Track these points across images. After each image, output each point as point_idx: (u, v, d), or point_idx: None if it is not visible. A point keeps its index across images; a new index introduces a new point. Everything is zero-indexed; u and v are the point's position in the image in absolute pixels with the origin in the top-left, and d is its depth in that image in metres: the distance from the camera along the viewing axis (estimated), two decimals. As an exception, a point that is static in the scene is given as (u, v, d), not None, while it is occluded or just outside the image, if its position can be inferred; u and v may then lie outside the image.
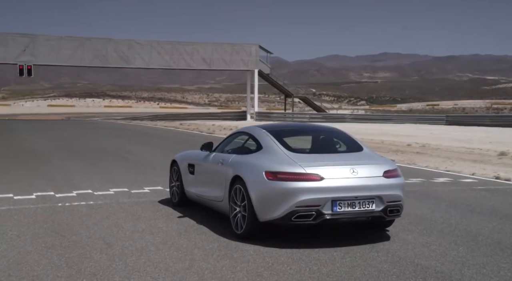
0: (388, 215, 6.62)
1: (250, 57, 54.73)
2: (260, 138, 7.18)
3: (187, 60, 53.36)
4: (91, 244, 6.31)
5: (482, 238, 6.94)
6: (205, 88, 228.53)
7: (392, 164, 6.91)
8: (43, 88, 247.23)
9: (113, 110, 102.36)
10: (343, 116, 55.03)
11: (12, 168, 13.46)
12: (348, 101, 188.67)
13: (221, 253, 6.06)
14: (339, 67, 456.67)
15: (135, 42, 52.60)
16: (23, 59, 48.23)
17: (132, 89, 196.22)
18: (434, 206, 9.11)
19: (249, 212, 6.56)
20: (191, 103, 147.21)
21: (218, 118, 55.86)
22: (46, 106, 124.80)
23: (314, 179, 6.30)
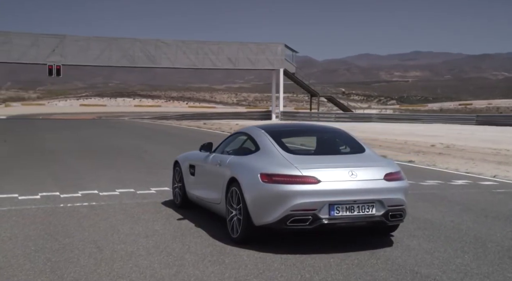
0: (389, 220, 6.32)
1: (275, 56, 54.42)
2: (258, 138, 6.95)
3: (213, 60, 53.37)
4: (81, 247, 6.17)
5: (492, 245, 6.59)
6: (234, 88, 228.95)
7: (394, 167, 6.60)
8: (76, 88, 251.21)
9: (142, 110, 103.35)
10: (370, 115, 54.35)
11: (25, 167, 13.47)
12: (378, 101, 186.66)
13: (212, 259, 5.85)
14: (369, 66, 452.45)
15: (162, 42, 52.83)
16: (52, 59, 48.96)
17: (162, 88, 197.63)
18: (447, 209, 8.75)
19: (244, 215, 6.34)
20: (219, 102, 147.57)
21: (244, 118, 55.71)
22: (78, 106, 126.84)
23: (310, 182, 6.04)
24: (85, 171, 12.83)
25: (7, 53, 49.16)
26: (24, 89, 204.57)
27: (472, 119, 44.22)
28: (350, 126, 40.98)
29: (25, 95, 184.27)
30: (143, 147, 19.61)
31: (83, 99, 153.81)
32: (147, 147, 19.86)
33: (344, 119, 50.82)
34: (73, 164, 14.41)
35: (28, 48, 49.15)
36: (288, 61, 55.27)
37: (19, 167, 13.48)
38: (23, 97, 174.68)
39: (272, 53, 54.38)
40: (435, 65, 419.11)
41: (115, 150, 18.47)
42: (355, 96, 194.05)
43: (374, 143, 23.19)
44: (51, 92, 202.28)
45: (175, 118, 56.13)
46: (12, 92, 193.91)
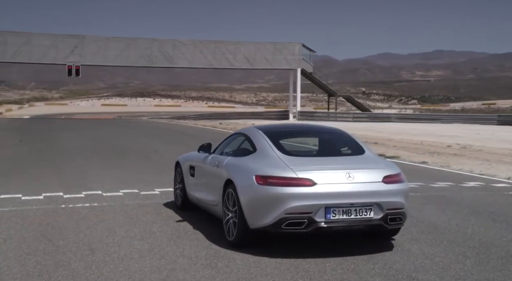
0: (388, 223, 6.14)
1: (293, 56, 54.18)
2: (255, 139, 6.82)
3: (230, 60, 53.34)
4: (74, 250, 6.10)
5: (496, 250, 6.38)
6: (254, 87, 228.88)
7: (394, 169, 6.41)
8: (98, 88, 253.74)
9: (162, 109, 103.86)
10: (388, 115, 53.90)
11: (34, 167, 13.48)
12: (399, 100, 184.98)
13: (205, 262, 5.74)
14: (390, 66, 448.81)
15: (179, 42, 52.95)
16: (72, 59, 49.40)
17: (182, 88, 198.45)
18: (454, 213, 8.53)
19: (239, 218, 6.22)
20: (238, 102, 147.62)
21: (261, 118, 55.57)
22: (100, 105, 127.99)
23: (305, 184, 5.89)
24: (93, 171, 12.82)
25: (28, 53, 49.77)
26: (47, 89, 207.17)
27: (494, 119, 43.54)
28: (367, 126, 40.64)
29: (48, 95, 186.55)
30: (154, 147, 19.59)
31: (104, 99, 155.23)
32: (159, 146, 19.85)
33: (362, 119, 50.45)
34: (82, 163, 14.42)
35: (48, 48, 49.67)
36: (305, 61, 54.99)
37: (28, 167, 13.52)
38: (47, 97, 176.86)
39: (290, 53, 54.16)
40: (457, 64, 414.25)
41: (126, 150, 18.48)
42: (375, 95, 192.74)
43: (389, 143, 22.91)
44: (73, 92, 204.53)
45: (193, 118, 56.24)
46: (36, 92, 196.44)
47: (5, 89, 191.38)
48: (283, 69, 57.19)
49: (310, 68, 55.33)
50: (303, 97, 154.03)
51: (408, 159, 16.31)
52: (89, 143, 21.76)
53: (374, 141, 23.86)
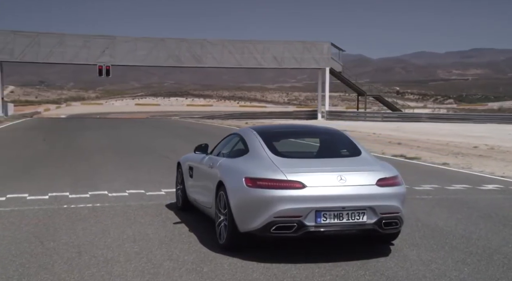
0: (383, 228, 5.90)
1: (321, 55, 53.65)
2: (248, 140, 6.66)
3: (258, 59, 53.16)
4: (62, 252, 6.02)
5: (499, 257, 6.09)
6: (286, 87, 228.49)
7: (390, 171, 6.16)
8: (133, 88, 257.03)
9: (194, 109, 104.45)
10: (419, 115, 52.99)
11: (49, 166, 13.55)
12: (434, 100, 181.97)
13: (191, 267, 5.60)
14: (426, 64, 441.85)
15: (207, 42, 53.02)
16: (102, 60, 50.00)
17: (214, 88, 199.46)
18: (464, 216, 8.22)
19: (229, 221, 6.07)
20: (270, 102, 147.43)
21: (290, 117, 55.30)
22: (133, 105, 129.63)
23: (295, 187, 5.70)
24: (106, 171, 12.84)
25: (61, 54, 50.58)
26: (84, 89, 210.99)
27: (529, 119, 42.30)
28: (395, 126, 39.97)
29: (85, 95, 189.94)
30: (174, 146, 19.57)
31: (138, 98, 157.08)
32: (178, 146, 19.84)
33: (391, 118, 49.69)
34: (98, 163, 14.47)
35: (80, 49, 50.37)
36: (334, 60, 54.42)
37: (43, 166, 13.62)
38: (83, 97, 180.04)
39: (318, 52, 53.66)
40: (497, 63, 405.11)
41: (146, 150, 18.51)
42: (410, 95, 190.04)
43: (413, 144, 22.43)
44: (108, 92, 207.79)
45: (223, 118, 56.28)
46: (73, 92, 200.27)
47: (44, 89, 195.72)
48: (312, 68, 56.73)
49: (339, 67, 54.74)
50: (335, 97, 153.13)
51: (429, 160, 15.90)
52: (111, 142, 21.90)
53: (398, 141, 23.42)
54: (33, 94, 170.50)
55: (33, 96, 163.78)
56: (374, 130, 32.83)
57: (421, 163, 15.47)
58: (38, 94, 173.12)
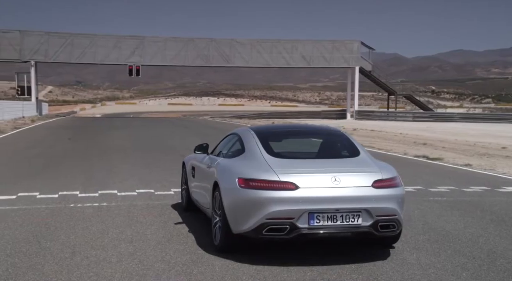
0: (379, 231, 5.73)
1: (351, 54, 53.15)
2: (245, 140, 6.57)
3: (286, 58, 52.97)
4: (56, 252, 6.00)
5: (502, 262, 5.86)
6: (318, 86, 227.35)
7: (389, 173, 5.97)
8: (167, 88, 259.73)
9: (225, 109, 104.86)
10: (451, 115, 52.01)
11: (66, 165, 13.63)
12: (471, 99, 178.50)
13: (181, 269, 5.52)
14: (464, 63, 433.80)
15: (236, 42, 53.09)
16: (132, 60, 50.63)
17: (246, 87, 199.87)
18: (475, 220, 7.96)
19: (223, 222, 5.99)
20: (301, 101, 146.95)
21: (319, 117, 54.88)
22: (166, 105, 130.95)
23: (287, 188, 5.58)
24: (122, 170, 12.88)
25: (93, 55, 51.41)
26: (119, 89, 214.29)
27: None
28: (425, 126, 39.30)
29: (119, 94, 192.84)
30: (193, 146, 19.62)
31: (171, 98, 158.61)
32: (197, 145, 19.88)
33: (422, 118, 48.92)
34: (115, 162, 14.55)
35: (111, 49, 51.10)
36: (364, 59, 53.85)
37: (62, 165, 13.72)
38: (118, 96, 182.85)
39: (348, 51, 53.17)
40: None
41: (168, 149, 18.55)
42: (445, 94, 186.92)
43: (439, 144, 21.97)
44: (142, 92, 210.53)
45: (252, 117, 56.27)
46: (108, 92, 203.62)
47: (81, 89, 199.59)
48: (341, 67, 56.25)
49: (369, 66, 54.12)
50: (368, 96, 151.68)
51: (451, 161, 15.51)
52: (135, 141, 22.04)
53: (424, 142, 22.98)
54: (70, 94, 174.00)
55: (70, 96, 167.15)
56: (402, 130, 32.32)
57: (442, 164, 15.11)
58: (75, 94, 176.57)
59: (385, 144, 21.82)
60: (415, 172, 13.12)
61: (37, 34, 51.25)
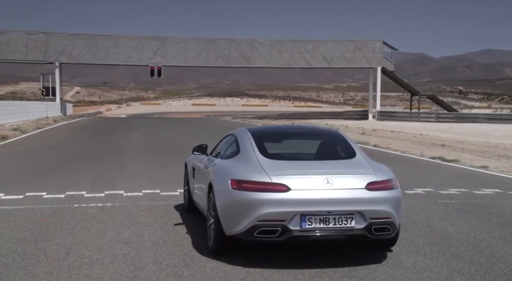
0: (373, 234, 5.63)
1: (373, 54, 52.66)
2: (241, 141, 6.52)
3: (307, 58, 52.73)
4: (51, 252, 6.01)
5: (500, 267, 5.72)
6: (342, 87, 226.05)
7: (384, 175, 5.85)
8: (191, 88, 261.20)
9: (248, 109, 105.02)
10: (476, 116, 51.15)
11: (79, 165, 13.70)
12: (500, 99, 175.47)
13: (172, 271, 5.48)
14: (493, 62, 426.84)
15: (257, 42, 53.02)
16: (154, 60, 50.94)
17: (269, 88, 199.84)
18: (480, 223, 7.79)
19: (216, 224, 5.95)
20: (325, 101, 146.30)
21: (341, 117, 54.54)
22: (190, 105, 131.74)
23: (279, 190, 5.52)
24: (132, 170, 12.94)
25: (115, 56, 51.85)
26: (144, 90, 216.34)
27: None
28: (448, 126, 38.73)
29: (144, 95, 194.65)
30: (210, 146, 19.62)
31: (195, 98, 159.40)
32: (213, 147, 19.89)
33: (446, 119, 48.25)
34: (128, 162, 14.61)
35: (134, 50, 51.47)
36: (386, 59, 53.32)
37: (75, 165, 13.81)
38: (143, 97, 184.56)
39: (370, 51, 52.70)
40: None
41: (181, 149, 18.53)
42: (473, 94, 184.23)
43: (458, 145, 21.61)
44: (167, 92, 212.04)
45: (273, 118, 56.16)
46: (133, 92, 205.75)
47: (107, 90, 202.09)
48: (363, 68, 55.80)
49: (392, 66, 53.57)
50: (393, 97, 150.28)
51: (467, 163, 15.23)
52: (152, 142, 22.14)
53: (442, 143, 22.64)
54: (97, 95, 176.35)
55: (96, 97, 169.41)
56: (422, 131, 31.91)
57: (457, 165, 14.85)
58: (101, 95, 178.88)
59: (403, 145, 21.55)
60: (428, 174, 12.92)
61: (62, 36, 51.94)
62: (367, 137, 26.49)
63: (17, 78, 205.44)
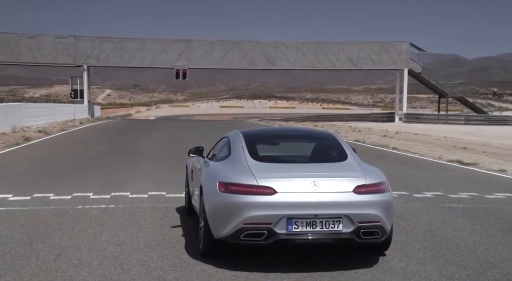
0: (362, 238, 5.54)
1: (400, 55, 52.06)
2: (233, 143, 6.50)
3: (332, 60, 52.42)
4: (43, 254, 6.03)
5: (493, 272, 5.60)
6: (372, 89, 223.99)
7: (374, 178, 5.75)
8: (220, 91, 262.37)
9: (276, 111, 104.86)
10: (508, 118, 49.99)
11: (93, 166, 13.86)
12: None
13: (158, 274, 5.46)
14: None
15: (282, 44, 52.97)
16: (180, 63, 51.35)
17: (298, 90, 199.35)
18: (483, 227, 7.62)
19: (205, 227, 5.93)
20: (354, 104, 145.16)
21: (367, 120, 54.04)
22: (218, 107, 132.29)
23: (265, 193, 5.47)
24: (143, 172, 13.01)
25: (141, 58, 52.45)
26: (173, 92, 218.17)
27: None
28: (474, 129, 38.02)
29: (173, 97, 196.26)
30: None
31: (223, 101, 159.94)
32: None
33: (475, 121, 47.34)
34: (141, 164, 14.69)
35: (159, 53, 51.96)
36: (413, 60, 52.65)
37: (89, 166, 13.95)
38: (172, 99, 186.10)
39: (397, 52, 52.12)
40: None
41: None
42: (509, 96, 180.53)
43: (481, 148, 21.19)
44: (195, 94, 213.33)
45: (298, 120, 55.97)
46: (163, 95, 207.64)
47: (137, 92, 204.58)
48: (389, 69, 55.19)
49: (419, 68, 52.89)
50: (424, 99, 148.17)
51: (486, 167, 14.90)
52: (170, 144, 22.24)
53: (465, 146, 22.23)
54: (127, 97, 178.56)
55: (127, 99, 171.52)
56: (447, 133, 31.38)
57: (475, 169, 14.55)
58: (131, 97, 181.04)
59: (423, 148, 21.22)
60: (442, 177, 12.69)
61: (90, 39, 52.75)
62: (388, 139, 26.17)
63: (51, 81, 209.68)
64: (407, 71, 51.65)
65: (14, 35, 51.98)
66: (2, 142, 20.76)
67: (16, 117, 29.50)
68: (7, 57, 51.12)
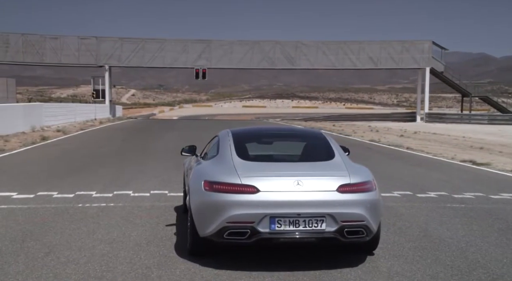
0: (346, 237, 5.51)
1: (422, 54, 51.50)
2: (221, 142, 6.52)
3: (353, 60, 52.10)
4: (32, 252, 6.11)
5: (478, 273, 5.53)
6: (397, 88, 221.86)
7: (359, 177, 5.70)
8: (243, 90, 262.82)
9: (298, 111, 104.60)
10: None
11: (102, 165, 13.92)
12: None
13: (142, 272, 5.49)
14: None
15: (302, 44, 52.86)
16: (200, 63, 51.63)
17: (321, 90, 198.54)
18: (481, 228, 7.52)
19: (191, 225, 5.95)
20: (378, 103, 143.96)
21: (388, 119, 53.55)
22: (241, 107, 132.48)
23: (248, 191, 5.48)
24: (151, 171, 13.05)
25: (162, 59, 52.87)
26: (197, 92, 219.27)
27: None
28: (497, 129, 37.40)
29: (197, 97, 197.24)
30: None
31: (246, 100, 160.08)
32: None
33: (499, 121, 46.48)
34: (149, 163, 14.75)
35: (179, 53, 52.31)
36: (435, 59, 52.01)
37: (98, 165, 13.96)
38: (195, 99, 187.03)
39: (418, 51, 51.58)
40: None
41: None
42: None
43: (497, 148, 20.83)
44: (219, 94, 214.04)
45: (319, 119, 55.78)
46: (186, 95, 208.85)
47: (161, 92, 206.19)
48: (411, 68, 54.62)
49: (441, 67, 52.23)
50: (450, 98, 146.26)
51: (498, 167, 14.65)
52: (182, 143, 21.89)
53: (482, 146, 21.87)
54: (151, 97, 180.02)
55: (151, 99, 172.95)
56: (469, 133, 30.94)
57: (486, 169, 14.31)
58: (155, 97, 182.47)
59: (439, 148, 20.95)
60: (450, 178, 12.52)
61: (112, 40, 53.33)
62: (404, 139, 25.90)
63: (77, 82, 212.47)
64: (429, 70, 51.05)
65: (39, 37, 52.89)
66: (19, 141, 21.11)
67: (36, 117, 29.98)
68: (32, 58, 52.08)
